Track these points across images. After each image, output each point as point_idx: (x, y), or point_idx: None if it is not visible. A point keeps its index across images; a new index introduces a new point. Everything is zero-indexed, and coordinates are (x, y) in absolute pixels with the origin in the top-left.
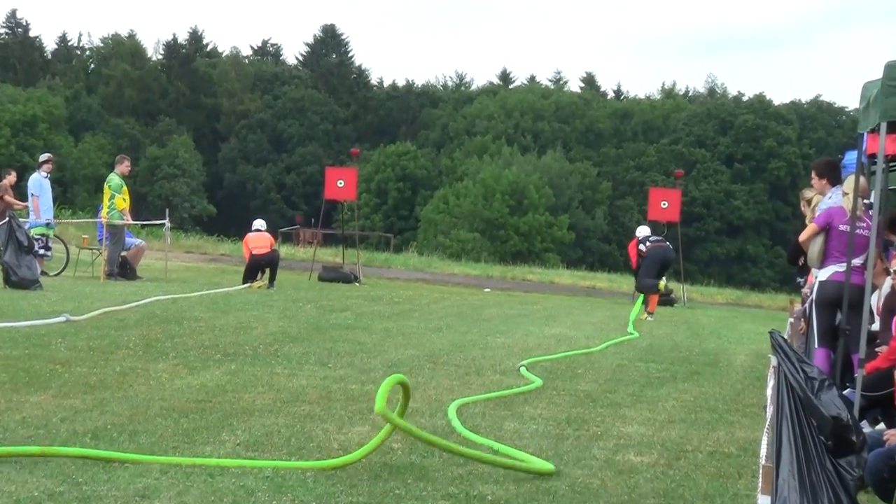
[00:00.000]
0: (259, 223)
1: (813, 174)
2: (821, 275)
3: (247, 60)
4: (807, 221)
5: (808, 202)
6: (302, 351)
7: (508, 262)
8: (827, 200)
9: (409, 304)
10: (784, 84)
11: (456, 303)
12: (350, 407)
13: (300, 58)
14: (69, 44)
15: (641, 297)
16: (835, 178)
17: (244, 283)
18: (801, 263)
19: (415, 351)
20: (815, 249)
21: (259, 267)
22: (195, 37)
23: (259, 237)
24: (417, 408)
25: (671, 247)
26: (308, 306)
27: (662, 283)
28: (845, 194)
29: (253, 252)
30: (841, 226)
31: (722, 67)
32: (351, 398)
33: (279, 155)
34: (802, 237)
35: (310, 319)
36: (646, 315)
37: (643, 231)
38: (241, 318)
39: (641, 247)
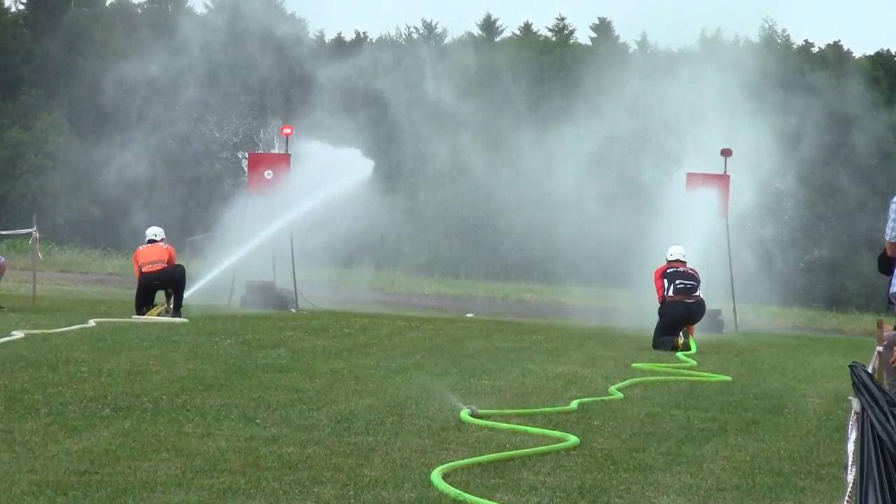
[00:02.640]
0: (153, 231)
1: None
2: None
3: (139, 10)
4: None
5: None
6: (220, 402)
7: (499, 276)
8: None
9: (363, 335)
10: (867, 30)
11: (427, 333)
12: (286, 477)
13: (210, 6)
14: None
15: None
16: None
17: (137, 311)
18: None
19: (372, 400)
20: None
21: (153, 289)
22: None
23: (152, 250)
24: (377, 477)
25: (699, 293)
26: (227, 342)
27: (680, 339)
28: None
29: (143, 269)
30: None
31: (782, 9)
32: (287, 465)
33: None
34: (890, 234)
35: (230, 360)
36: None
37: (672, 251)
38: (136, 359)
39: (666, 282)
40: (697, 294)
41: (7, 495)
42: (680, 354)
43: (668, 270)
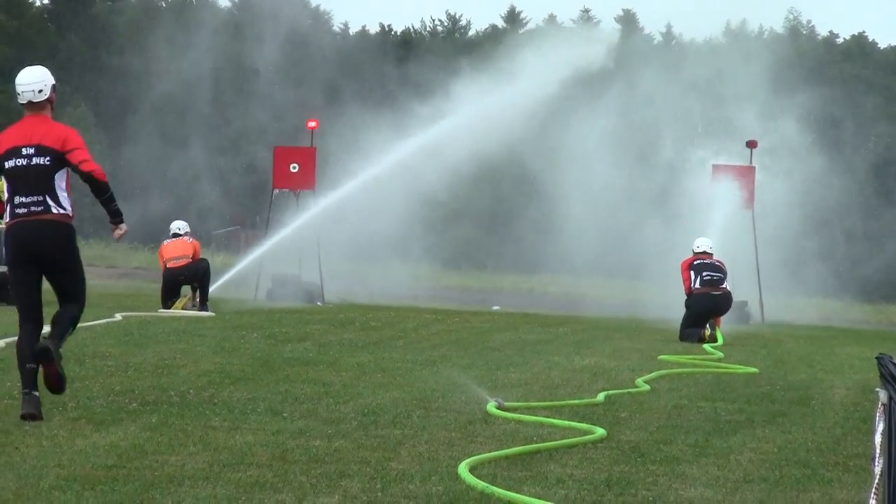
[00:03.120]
0: (178, 225)
1: None
2: None
3: (163, 4)
4: None
5: None
6: (247, 396)
7: (523, 269)
8: None
9: (390, 329)
10: (894, 20)
11: (453, 326)
12: (313, 471)
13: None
14: None
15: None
16: None
17: (164, 306)
18: None
19: (399, 393)
20: None
21: (178, 284)
22: None
23: (176, 244)
24: (404, 470)
25: (726, 285)
26: (254, 335)
27: (707, 331)
28: None
29: (168, 265)
30: None
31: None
32: (314, 459)
33: (211, 131)
34: None
35: (256, 353)
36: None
37: (698, 243)
38: (163, 353)
39: (693, 273)
40: (724, 286)
41: (35, 490)
42: (707, 346)
43: (695, 262)
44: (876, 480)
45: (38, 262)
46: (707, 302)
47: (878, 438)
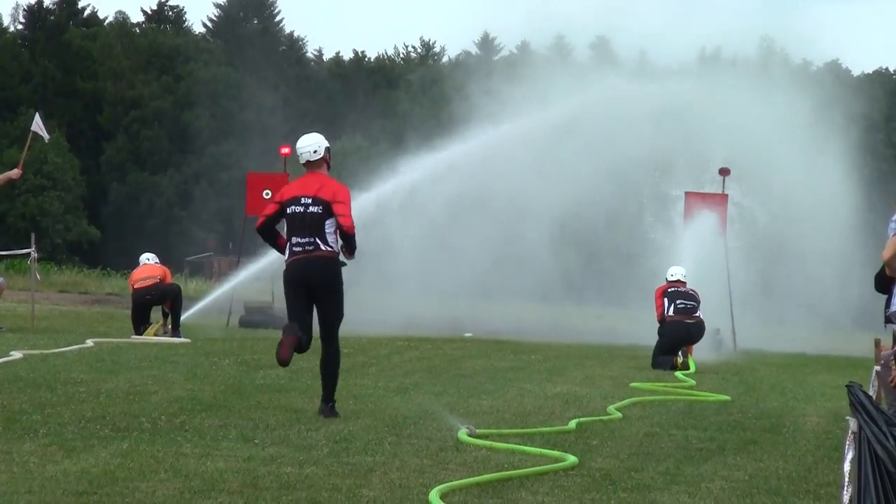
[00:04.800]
0: (147, 256)
1: None
2: None
3: (137, 30)
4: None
5: None
6: (218, 423)
7: (497, 296)
8: None
9: (362, 355)
10: (866, 47)
11: (426, 353)
12: (284, 497)
13: (209, 25)
14: None
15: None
16: None
17: (135, 331)
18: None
19: (370, 420)
20: None
21: (146, 305)
22: None
23: (145, 268)
24: (376, 497)
25: (699, 314)
26: (226, 362)
27: (679, 359)
28: None
29: (135, 286)
30: None
31: (781, 27)
32: (285, 485)
33: (184, 157)
34: (886, 253)
35: (228, 380)
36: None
37: (672, 272)
38: (134, 379)
39: (666, 301)
40: (697, 315)
41: None
42: (678, 374)
43: (669, 290)
44: None
45: (309, 288)
46: (680, 330)
47: (846, 466)
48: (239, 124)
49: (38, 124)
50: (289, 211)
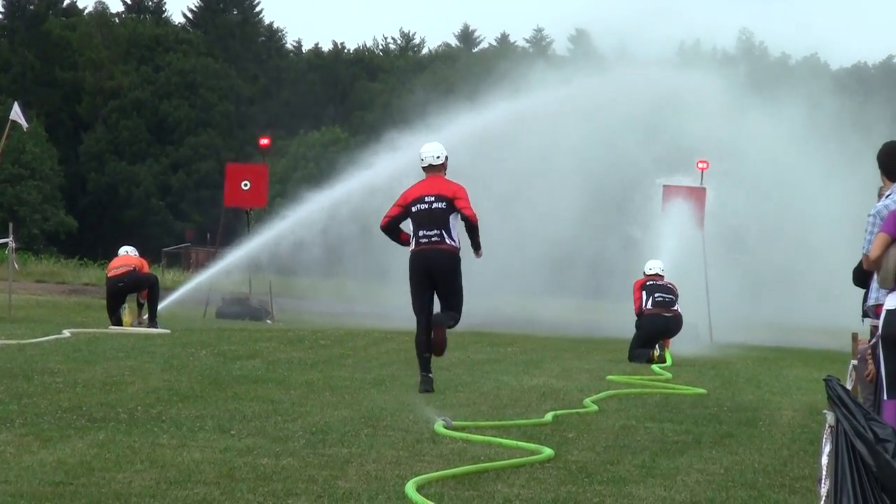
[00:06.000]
0: (125, 250)
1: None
2: (889, 301)
3: (117, 20)
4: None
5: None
6: (195, 414)
7: (474, 289)
8: (885, 200)
9: (339, 347)
10: (844, 42)
11: (403, 345)
12: (261, 489)
13: (189, 15)
14: None
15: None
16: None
17: (110, 320)
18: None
19: (347, 411)
20: (889, 266)
21: (119, 293)
22: None
23: (121, 258)
24: (352, 489)
25: (677, 308)
26: (203, 352)
27: (656, 352)
28: None
29: (109, 275)
30: None
31: (760, 20)
32: (261, 477)
33: (162, 147)
34: (873, 252)
35: (205, 371)
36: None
37: (650, 265)
38: (111, 370)
39: (644, 294)
40: (675, 308)
41: None
42: (655, 367)
43: (648, 283)
44: (822, 502)
45: (432, 277)
46: (658, 323)
47: (824, 460)
48: (218, 115)
49: (16, 112)
50: (414, 209)
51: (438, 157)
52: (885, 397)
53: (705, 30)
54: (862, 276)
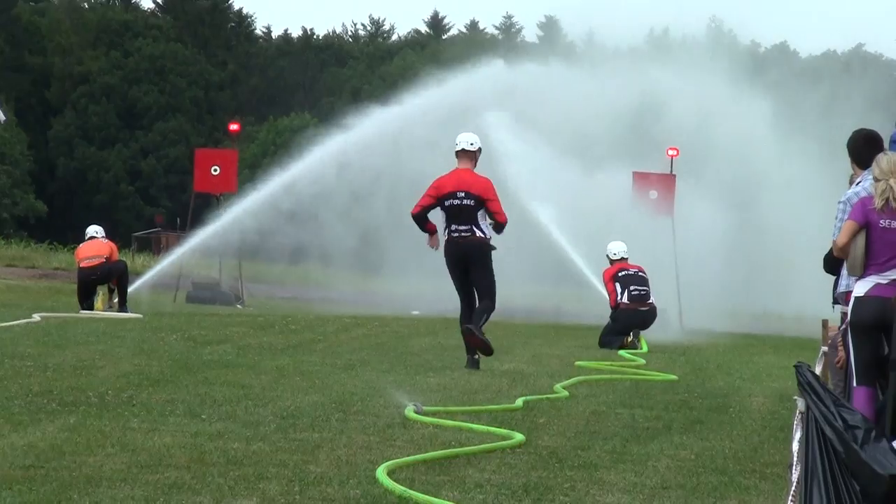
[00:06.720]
0: (94, 229)
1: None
2: (857, 288)
3: (86, 5)
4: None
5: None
6: (165, 398)
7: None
8: (855, 188)
9: (310, 332)
10: (814, 29)
11: (374, 331)
12: (231, 473)
13: (159, 1)
14: None
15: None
16: (867, 157)
17: (81, 307)
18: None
19: (318, 396)
20: (857, 254)
21: (92, 284)
22: None
23: (91, 245)
24: (323, 473)
25: (652, 300)
26: (173, 337)
27: (629, 338)
28: (877, 180)
29: (81, 264)
30: (882, 221)
31: (729, 7)
32: (232, 461)
33: (132, 132)
34: (840, 239)
35: (175, 356)
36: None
37: (615, 250)
38: (82, 354)
39: (618, 286)
40: (651, 301)
41: None
42: (622, 352)
43: (620, 274)
44: (793, 488)
45: (465, 267)
46: (635, 317)
47: (795, 446)
48: (187, 101)
49: None
50: (447, 203)
51: (472, 144)
52: (855, 384)
53: (675, 17)
54: (833, 263)
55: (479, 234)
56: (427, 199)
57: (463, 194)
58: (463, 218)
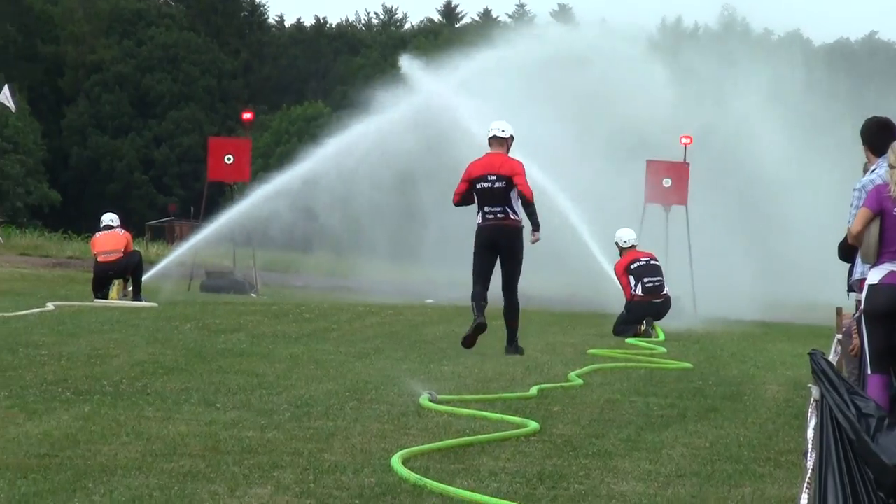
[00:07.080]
0: (110, 217)
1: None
2: (871, 276)
3: None
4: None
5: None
6: (180, 387)
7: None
8: (870, 175)
9: (323, 321)
10: (827, 17)
11: (388, 319)
12: (246, 461)
13: None
14: None
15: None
16: (881, 144)
17: (96, 297)
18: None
19: (332, 385)
20: (871, 241)
21: (108, 278)
22: None
23: (108, 237)
24: (337, 462)
25: (667, 290)
26: (187, 326)
27: (643, 326)
28: (892, 167)
29: (99, 258)
30: None
31: None
32: (247, 449)
33: (145, 121)
34: (855, 227)
35: (189, 344)
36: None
37: (625, 237)
38: (96, 343)
39: (632, 279)
40: (665, 292)
41: None
42: (631, 340)
43: (632, 265)
44: (808, 476)
45: (497, 249)
46: (650, 309)
47: (810, 434)
48: (200, 89)
49: (5, 95)
50: (478, 186)
51: (504, 131)
52: (870, 372)
53: (688, 4)
54: (847, 251)
55: (513, 216)
56: (462, 185)
57: (494, 177)
58: (496, 200)
